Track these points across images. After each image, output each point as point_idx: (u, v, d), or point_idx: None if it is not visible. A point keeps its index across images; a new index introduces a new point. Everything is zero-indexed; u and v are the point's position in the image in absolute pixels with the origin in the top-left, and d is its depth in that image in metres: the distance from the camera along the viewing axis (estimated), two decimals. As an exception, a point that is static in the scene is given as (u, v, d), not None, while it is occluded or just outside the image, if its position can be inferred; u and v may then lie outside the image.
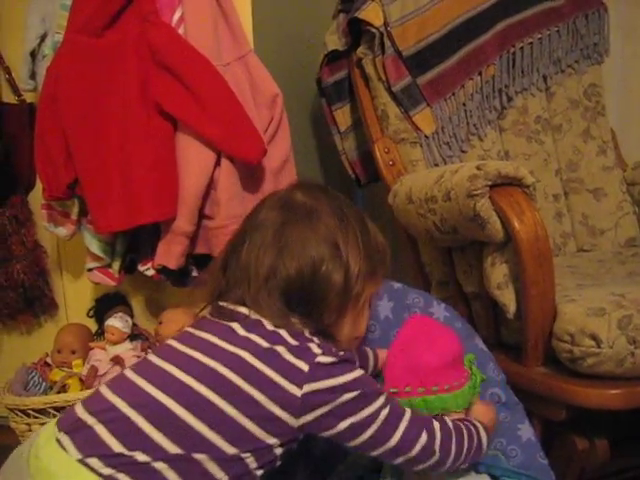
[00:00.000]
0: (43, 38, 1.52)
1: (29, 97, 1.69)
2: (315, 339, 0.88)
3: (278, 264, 0.88)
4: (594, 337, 1.08)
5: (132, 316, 1.64)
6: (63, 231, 1.56)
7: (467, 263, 1.34)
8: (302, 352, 0.86)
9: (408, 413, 0.90)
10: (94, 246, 1.52)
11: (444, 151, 1.59)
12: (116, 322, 1.56)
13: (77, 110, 1.41)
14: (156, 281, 1.54)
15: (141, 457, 0.80)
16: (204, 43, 1.41)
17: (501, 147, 1.69)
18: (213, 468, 0.82)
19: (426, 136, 1.58)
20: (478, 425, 0.96)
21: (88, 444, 0.81)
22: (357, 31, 1.59)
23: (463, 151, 1.63)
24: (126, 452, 0.80)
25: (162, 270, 1.47)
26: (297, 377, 0.84)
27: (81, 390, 1.47)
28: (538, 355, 1.18)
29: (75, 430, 0.83)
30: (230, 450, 0.83)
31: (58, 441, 0.82)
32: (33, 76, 1.57)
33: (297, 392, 0.84)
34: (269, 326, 0.87)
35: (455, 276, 1.40)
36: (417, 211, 1.35)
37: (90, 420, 0.83)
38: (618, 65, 1.97)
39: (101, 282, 1.56)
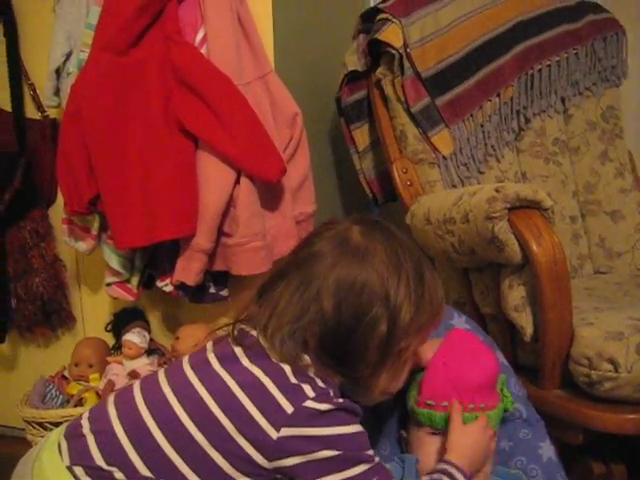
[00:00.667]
0: (68, 56, 1.54)
1: (53, 113, 1.72)
2: (318, 380, 0.82)
3: (313, 305, 0.82)
4: (612, 361, 1.08)
5: (149, 331, 1.65)
6: (83, 246, 1.58)
7: (484, 284, 1.35)
8: (293, 392, 0.80)
9: None
10: (113, 261, 1.53)
11: (462, 172, 1.60)
12: (134, 337, 1.56)
13: (100, 127, 1.42)
14: (173, 297, 1.55)
15: (118, 474, 0.81)
16: (226, 62, 1.43)
17: (518, 168, 1.69)
18: None
19: (444, 157, 1.59)
20: (457, 477, 0.88)
21: (78, 452, 0.83)
22: (377, 52, 1.61)
23: (481, 172, 1.64)
24: (104, 466, 0.81)
25: (180, 286, 1.48)
26: (277, 418, 0.79)
27: (98, 404, 1.48)
28: (555, 378, 1.18)
29: (73, 437, 0.85)
30: None
31: (59, 445, 0.85)
32: (57, 93, 1.59)
33: (273, 434, 0.79)
34: (274, 358, 0.83)
35: (472, 297, 1.40)
36: (435, 232, 1.35)
37: (86, 428, 0.85)
38: (636, 88, 1.97)
39: (119, 297, 1.58)
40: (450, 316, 1.12)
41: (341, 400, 0.82)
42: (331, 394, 0.82)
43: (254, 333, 0.86)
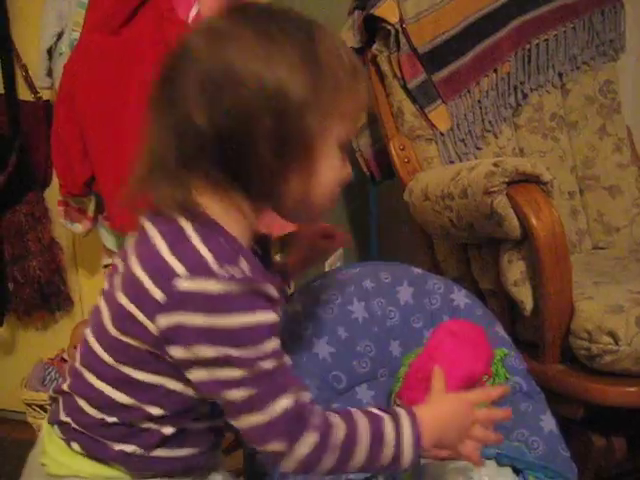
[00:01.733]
0: (60, 36, 1.53)
1: (46, 94, 1.70)
2: (199, 245, 0.68)
3: (187, 127, 0.68)
4: (612, 334, 1.08)
5: (147, 312, 1.65)
6: (79, 227, 1.57)
7: (483, 260, 1.34)
8: (160, 272, 0.68)
9: (282, 406, 0.69)
10: (110, 242, 1.53)
11: (459, 148, 1.59)
12: (132, 318, 1.56)
13: (94, 107, 1.41)
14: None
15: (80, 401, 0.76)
16: (220, 40, 1.41)
17: (516, 144, 1.68)
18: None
19: (441, 133, 1.57)
20: (402, 430, 0.74)
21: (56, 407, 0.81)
22: (372, 28, 1.59)
23: (478, 148, 1.62)
24: (68, 390, 0.79)
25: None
26: (151, 308, 0.69)
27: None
28: (555, 352, 1.18)
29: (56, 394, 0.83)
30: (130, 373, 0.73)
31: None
32: (50, 73, 1.58)
33: (152, 328, 0.69)
34: (164, 216, 0.70)
35: (471, 273, 1.40)
36: (433, 208, 1.35)
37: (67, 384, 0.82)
38: (634, 62, 1.95)
39: (117, 278, 1.57)
40: (450, 290, 1.11)
41: (233, 267, 0.68)
42: (210, 263, 0.67)
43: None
